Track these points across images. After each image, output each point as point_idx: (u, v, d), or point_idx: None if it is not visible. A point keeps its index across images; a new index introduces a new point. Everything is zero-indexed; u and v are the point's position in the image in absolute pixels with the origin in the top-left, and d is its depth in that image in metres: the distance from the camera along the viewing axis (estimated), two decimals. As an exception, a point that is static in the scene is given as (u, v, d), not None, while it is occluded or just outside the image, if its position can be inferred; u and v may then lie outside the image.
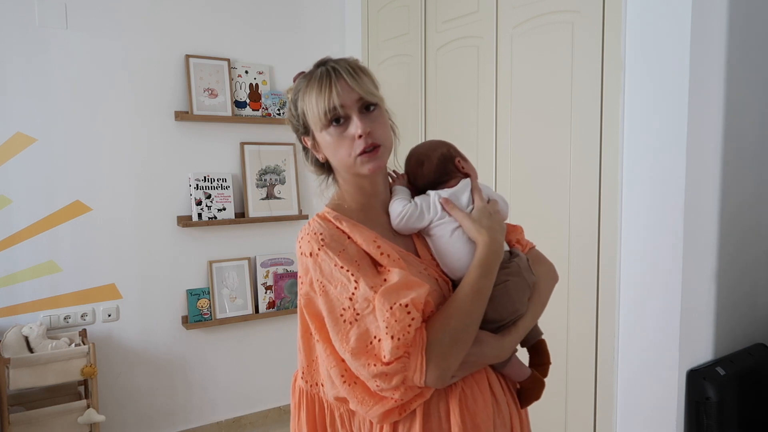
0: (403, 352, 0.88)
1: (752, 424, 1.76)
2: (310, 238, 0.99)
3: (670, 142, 1.66)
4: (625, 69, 1.77)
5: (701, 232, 1.72)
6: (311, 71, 1.02)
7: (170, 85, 2.76)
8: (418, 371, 0.89)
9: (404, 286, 0.91)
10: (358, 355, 0.91)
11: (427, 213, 1.03)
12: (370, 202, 1.07)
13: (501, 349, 1.00)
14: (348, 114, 0.98)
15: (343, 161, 1.00)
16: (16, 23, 2.42)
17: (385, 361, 0.89)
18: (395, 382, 0.89)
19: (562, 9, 1.98)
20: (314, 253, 0.97)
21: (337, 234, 0.99)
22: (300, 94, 1.02)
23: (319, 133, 1.00)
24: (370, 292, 0.91)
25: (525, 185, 2.16)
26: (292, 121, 1.08)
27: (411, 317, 0.88)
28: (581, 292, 1.96)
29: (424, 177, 1.09)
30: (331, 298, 0.94)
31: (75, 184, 2.56)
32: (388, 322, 0.88)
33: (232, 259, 2.92)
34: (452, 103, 2.49)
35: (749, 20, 1.78)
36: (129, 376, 2.71)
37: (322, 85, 0.97)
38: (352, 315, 0.92)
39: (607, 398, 1.89)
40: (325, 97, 0.96)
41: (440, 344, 0.90)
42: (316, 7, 3.15)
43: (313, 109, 0.98)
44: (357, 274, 0.94)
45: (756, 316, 1.95)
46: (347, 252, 0.97)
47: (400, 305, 0.88)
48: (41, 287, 2.51)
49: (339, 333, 0.93)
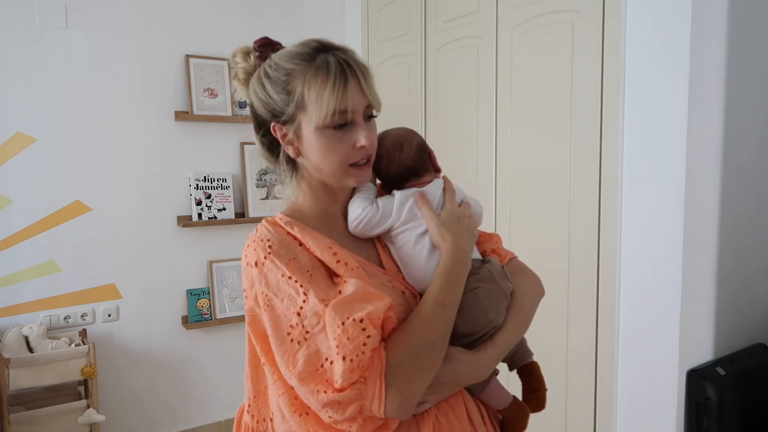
0: (358, 376, 0.75)
1: (752, 424, 1.76)
2: (256, 245, 0.87)
3: (670, 142, 1.66)
4: (625, 69, 1.76)
5: (701, 233, 1.72)
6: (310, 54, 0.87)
7: (170, 85, 2.75)
8: (376, 399, 0.76)
9: (360, 299, 0.79)
10: (306, 380, 0.77)
11: (388, 217, 0.92)
12: (332, 208, 0.96)
13: (476, 367, 0.88)
14: (353, 120, 0.87)
15: (331, 167, 0.89)
16: (16, 23, 2.42)
17: (338, 387, 0.75)
18: (350, 412, 0.75)
19: (562, 9, 1.98)
20: (260, 262, 0.85)
21: (287, 240, 0.87)
22: (299, 77, 0.86)
23: (312, 130, 0.86)
24: (321, 305, 0.79)
25: (525, 185, 2.16)
26: (263, 102, 0.90)
27: (366, 334, 0.76)
28: (581, 292, 1.96)
29: (400, 163, 0.96)
30: (277, 313, 0.82)
31: (75, 184, 2.56)
32: (339, 340, 0.75)
33: (232, 259, 2.92)
34: (452, 103, 2.49)
35: (749, 20, 1.78)
36: (129, 376, 2.71)
37: (335, 81, 0.84)
38: (301, 333, 0.79)
39: (607, 398, 1.89)
40: (338, 96, 0.84)
41: (401, 367, 0.77)
42: (316, 7, 3.15)
43: (320, 104, 0.84)
44: (307, 285, 0.81)
45: (756, 316, 1.95)
46: (298, 261, 0.85)
47: (353, 320, 0.76)
48: (41, 287, 2.51)
49: (285, 354, 0.79)
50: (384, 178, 0.99)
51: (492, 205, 2.27)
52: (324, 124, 0.85)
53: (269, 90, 0.89)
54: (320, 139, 0.87)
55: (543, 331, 2.05)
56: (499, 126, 2.25)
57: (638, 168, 1.75)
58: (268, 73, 0.90)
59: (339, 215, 0.96)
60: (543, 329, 2.05)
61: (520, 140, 2.17)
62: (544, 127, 2.07)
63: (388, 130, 1.01)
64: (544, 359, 2.09)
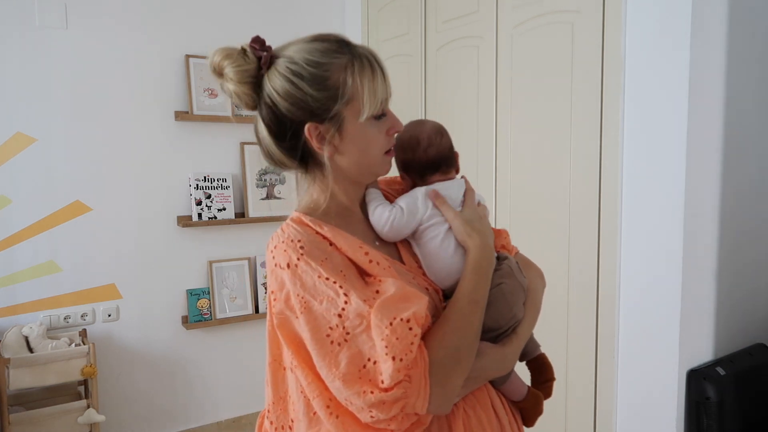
0: (404, 375, 0.75)
1: (752, 424, 1.76)
2: (286, 246, 0.84)
3: (670, 142, 1.66)
4: (625, 69, 1.76)
5: (701, 232, 1.72)
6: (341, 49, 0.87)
7: (170, 85, 2.75)
8: (421, 397, 0.77)
9: (402, 299, 0.79)
10: (351, 382, 0.77)
11: (415, 213, 0.92)
12: (351, 207, 0.95)
13: (504, 360, 0.91)
14: (386, 110, 0.91)
15: (374, 157, 0.90)
16: (16, 23, 2.42)
17: (384, 386, 0.75)
18: (394, 411, 0.76)
19: (562, 9, 1.98)
20: (292, 264, 0.83)
21: (318, 240, 0.85)
22: (340, 72, 0.85)
23: (358, 122, 0.86)
24: (365, 306, 0.78)
25: (525, 185, 2.16)
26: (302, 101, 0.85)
27: (413, 334, 0.76)
28: (581, 292, 1.96)
29: (439, 149, 0.97)
30: (315, 315, 0.80)
31: (75, 184, 2.56)
32: (388, 340, 0.75)
33: (232, 259, 2.92)
34: (452, 103, 2.49)
35: (749, 20, 1.78)
36: (129, 376, 2.71)
37: (380, 71, 0.88)
38: (341, 335, 0.78)
39: (607, 398, 1.89)
40: (386, 86, 0.88)
41: (442, 364, 0.79)
42: (316, 7, 3.15)
43: (373, 93, 0.85)
44: (346, 286, 0.80)
45: (756, 316, 1.95)
46: (331, 261, 0.83)
47: (401, 320, 0.76)
48: (41, 287, 2.51)
49: (326, 357, 0.78)
50: (417, 161, 0.97)
51: (492, 204, 2.27)
52: (374, 114, 0.87)
53: (304, 87, 0.85)
54: (366, 129, 0.88)
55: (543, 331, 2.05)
56: (499, 126, 2.25)
57: (638, 168, 1.75)
58: (296, 71, 0.85)
59: (358, 214, 0.96)
60: (543, 329, 2.05)
61: (520, 140, 2.17)
62: (544, 127, 2.07)
63: (420, 119, 1.02)
64: (544, 359, 2.08)
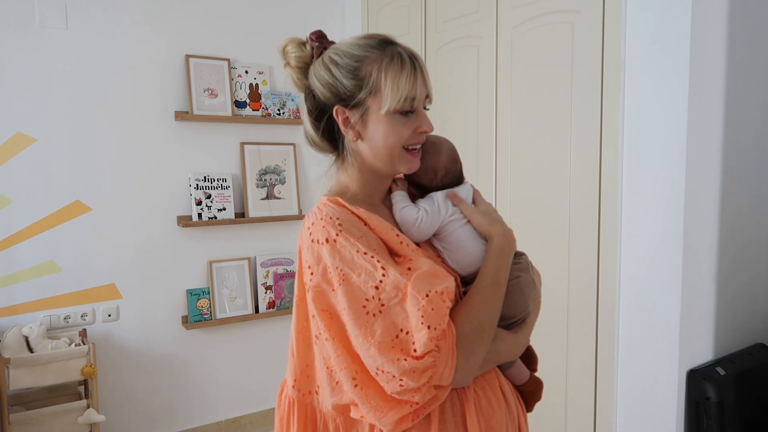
0: (434, 345, 0.81)
1: (752, 424, 1.76)
2: (325, 222, 0.90)
3: (670, 142, 1.66)
4: (625, 69, 1.77)
5: (701, 233, 1.72)
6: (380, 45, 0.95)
7: (170, 85, 2.75)
8: (448, 366, 0.83)
9: (434, 275, 0.85)
10: (386, 349, 0.82)
11: (438, 215, 1.00)
12: (375, 195, 1.03)
13: (516, 345, 0.99)
14: (417, 108, 0.96)
15: (391, 149, 0.95)
16: (16, 23, 2.42)
17: (417, 355, 0.81)
18: (423, 379, 0.81)
19: (562, 9, 1.98)
20: (331, 239, 0.88)
21: (354, 219, 0.92)
22: (372, 64, 0.93)
23: (381, 113, 0.93)
24: (402, 279, 0.84)
25: (525, 185, 2.16)
26: (333, 87, 0.95)
27: (447, 306, 0.83)
28: (582, 292, 1.96)
29: (455, 175, 1.05)
30: (353, 287, 0.86)
31: (75, 184, 2.56)
32: (425, 310, 0.81)
33: (232, 259, 2.92)
34: (452, 103, 2.49)
35: (749, 20, 1.78)
36: (129, 376, 2.71)
37: (409, 69, 0.93)
38: (377, 306, 0.84)
39: (607, 398, 1.89)
40: (411, 83, 0.92)
41: (468, 338, 0.86)
42: (316, 8, 3.15)
43: (395, 89, 0.91)
44: (384, 260, 0.87)
45: (756, 316, 1.95)
46: (366, 239, 0.89)
47: (436, 292, 0.82)
48: (41, 287, 2.51)
49: (363, 326, 0.84)
50: (433, 188, 1.05)
51: (492, 203, 2.27)
52: (395, 109, 0.92)
53: (337, 75, 0.94)
54: (388, 122, 0.94)
55: (543, 331, 2.05)
56: (499, 126, 2.25)
57: (638, 168, 1.75)
58: (335, 60, 0.95)
59: (380, 202, 1.04)
60: (543, 329, 2.05)
61: (520, 140, 2.17)
62: (544, 127, 2.07)
63: (434, 141, 1.06)
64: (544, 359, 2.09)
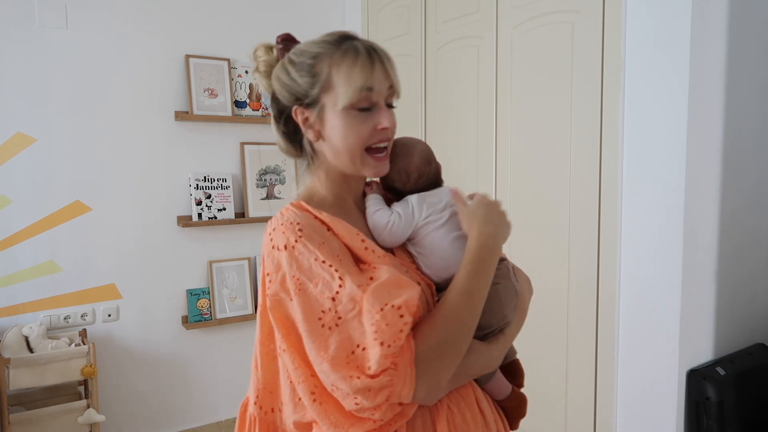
0: (390, 363, 0.75)
1: (752, 424, 1.76)
2: (284, 228, 0.85)
3: (670, 142, 1.66)
4: (625, 69, 1.77)
5: (701, 232, 1.72)
6: (336, 40, 0.90)
7: (170, 85, 2.76)
8: (406, 385, 0.76)
9: (395, 285, 0.79)
10: (339, 366, 0.76)
11: (411, 218, 0.94)
12: (347, 198, 0.97)
13: (490, 358, 0.91)
14: (375, 102, 0.89)
15: (350, 149, 0.89)
16: (16, 23, 2.42)
17: (371, 373, 0.75)
18: (379, 398, 0.75)
19: (562, 9, 1.98)
20: (290, 245, 0.83)
21: (316, 224, 0.86)
22: (325, 59, 0.88)
23: (337, 110, 0.88)
24: (358, 291, 0.78)
25: (525, 185, 2.16)
26: (291, 87, 0.91)
27: (404, 321, 0.76)
28: (581, 292, 1.96)
29: (429, 177, 0.99)
30: (309, 297, 0.80)
31: (75, 184, 2.56)
32: (378, 326, 0.75)
33: (232, 259, 2.92)
34: (452, 103, 2.49)
35: (749, 20, 1.78)
36: (129, 376, 2.71)
37: (363, 61, 0.87)
38: (333, 318, 0.78)
39: (607, 398, 1.89)
40: (366, 74, 0.86)
41: (427, 357, 0.78)
42: (316, 8, 3.15)
43: (348, 83, 0.86)
44: (342, 270, 0.80)
45: (756, 316, 1.95)
46: (329, 245, 0.83)
47: (392, 307, 0.76)
48: (41, 287, 2.51)
49: (316, 339, 0.78)
50: (408, 191, 0.98)
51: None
52: (351, 103, 0.87)
53: (293, 74, 0.91)
54: (344, 119, 0.88)
55: (543, 331, 2.05)
56: (499, 126, 2.25)
57: (638, 168, 1.75)
58: (292, 60, 0.92)
59: (352, 204, 0.98)
60: (543, 329, 2.05)
61: (520, 140, 2.17)
62: (544, 127, 2.07)
63: (405, 142, 1.00)
64: (544, 359, 2.10)
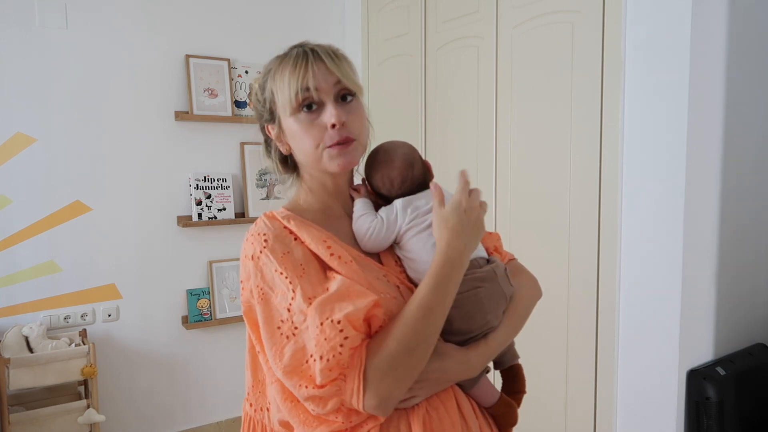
0: (337, 374, 0.77)
1: (752, 424, 1.76)
2: (253, 239, 0.88)
3: (670, 142, 1.66)
4: (625, 69, 1.77)
5: (701, 232, 1.72)
6: (286, 52, 0.92)
7: (170, 85, 2.75)
8: (354, 396, 0.77)
9: (342, 297, 0.79)
10: (291, 374, 0.79)
11: (394, 224, 0.93)
12: (331, 203, 0.97)
13: (466, 364, 0.88)
14: (322, 100, 0.88)
15: (308, 153, 0.90)
16: (16, 23, 2.42)
17: (318, 383, 0.77)
18: (330, 406, 0.78)
19: (562, 9, 1.98)
20: (256, 256, 0.86)
21: (283, 234, 0.88)
22: (270, 74, 0.92)
23: (287, 118, 0.90)
24: (305, 304, 0.80)
25: (525, 185, 2.16)
26: (257, 107, 0.96)
27: (344, 336, 0.76)
28: (581, 292, 1.96)
29: (413, 180, 0.97)
30: (270, 307, 0.83)
31: (75, 184, 2.56)
32: (317, 340, 0.77)
33: (232, 259, 2.92)
34: (452, 103, 2.49)
35: (749, 20, 1.78)
36: (129, 376, 2.71)
37: (297, 64, 0.87)
38: (290, 328, 0.81)
39: (607, 398, 1.89)
40: (299, 77, 0.86)
41: (378, 369, 0.78)
42: (316, 7, 3.15)
43: (284, 89, 0.88)
44: (296, 282, 0.82)
45: (756, 316, 1.95)
46: (292, 255, 0.85)
47: (331, 322, 0.76)
48: (41, 287, 2.51)
49: (274, 347, 0.81)
50: (397, 195, 0.97)
51: (492, 204, 2.27)
52: (292, 108, 0.88)
53: (257, 94, 0.96)
54: (295, 123, 0.90)
55: (543, 331, 2.05)
56: (499, 126, 2.25)
57: (638, 168, 1.75)
58: (257, 81, 0.96)
59: (339, 209, 0.98)
60: (543, 329, 2.05)
61: (520, 140, 2.17)
62: (544, 127, 2.07)
63: (386, 148, 0.99)
64: (544, 359, 2.09)
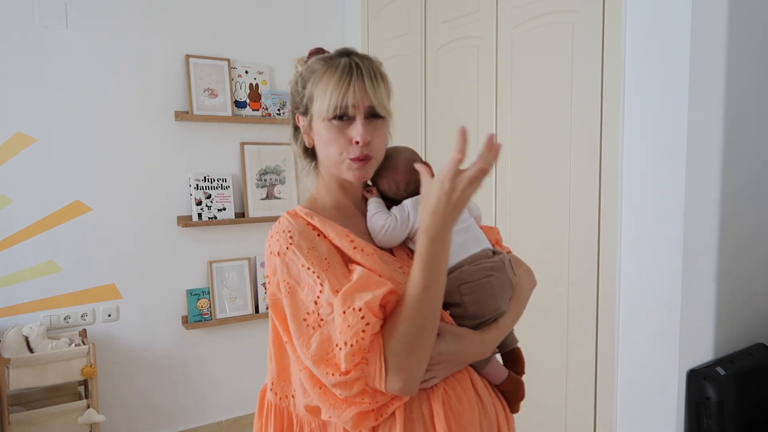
0: (360, 358, 0.83)
1: (752, 424, 1.76)
2: (279, 236, 0.95)
3: (670, 142, 1.66)
4: (625, 69, 1.77)
5: (701, 233, 1.72)
6: (332, 57, 0.99)
7: (170, 85, 2.75)
8: (377, 378, 0.84)
9: (362, 287, 0.86)
10: (319, 362, 0.86)
11: (407, 221, 1.01)
12: (345, 201, 1.05)
13: (482, 345, 0.96)
14: (354, 115, 0.95)
15: (331, 158, 0.98)
16: (16, 23, 2.42)
17: (343, 370, 0.83)
18: (356, 389, 0.84)
19: (562, 9, 1.98)
20: (282, 252, 0.93)
21: (307, 231, 0.95)
22: (315, 75, 0.98)
23: (319, 122, 0.97)
24: (333, 296, 0.87)
25: (525, 185, 2.16)
26: (294, 96, 1.04)
27: (365, 322, 0.83)
28: (581, 292, 1.96)
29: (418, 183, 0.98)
30: (297, 300, 0.90)
31: (75, 184, 2.56)
32: (341, 327, 0.84)
33: (232, 259, 2.92)
34: (452, 103, 2.49)
35: (749, 20, 1.78)
36: (129, 376, 2.71)
37: (342, 79, 0.94)
38: (316, 320, 0.88)
39: (607, 398, 1.89)
40: (341, 92, 0.93)
41: (394, 351, 0.84)
42: (316, 7, 3.15)
43: (324, 98, 0.95)
44: (323, 275, 0.89)
45: (756, 316, 1.95)
46: (317, 250, 0.92)
47: (353, 309, 0.83)
48: (41, 287, 2.51)
49: (301, 338, 0.88)
50: (404, 197, 1.04)
51: (492, 204, 2.27)
52: (327, 117, 0.95)
53: (297, 84, 1.03)
54: (325, 128, 0.97)
55: (544, 331, 2.05)
56: (499, 126, 2.25)
57: (638, 168, 1.75)
58: (301, 72, 1.03)
59: (352, 208, 1.06)
60: (544, 329, 2.05)
61: (520, 140, 2.17)
62: (544, 127, 2.07)
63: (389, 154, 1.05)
64: (544, 358, 2.09)
